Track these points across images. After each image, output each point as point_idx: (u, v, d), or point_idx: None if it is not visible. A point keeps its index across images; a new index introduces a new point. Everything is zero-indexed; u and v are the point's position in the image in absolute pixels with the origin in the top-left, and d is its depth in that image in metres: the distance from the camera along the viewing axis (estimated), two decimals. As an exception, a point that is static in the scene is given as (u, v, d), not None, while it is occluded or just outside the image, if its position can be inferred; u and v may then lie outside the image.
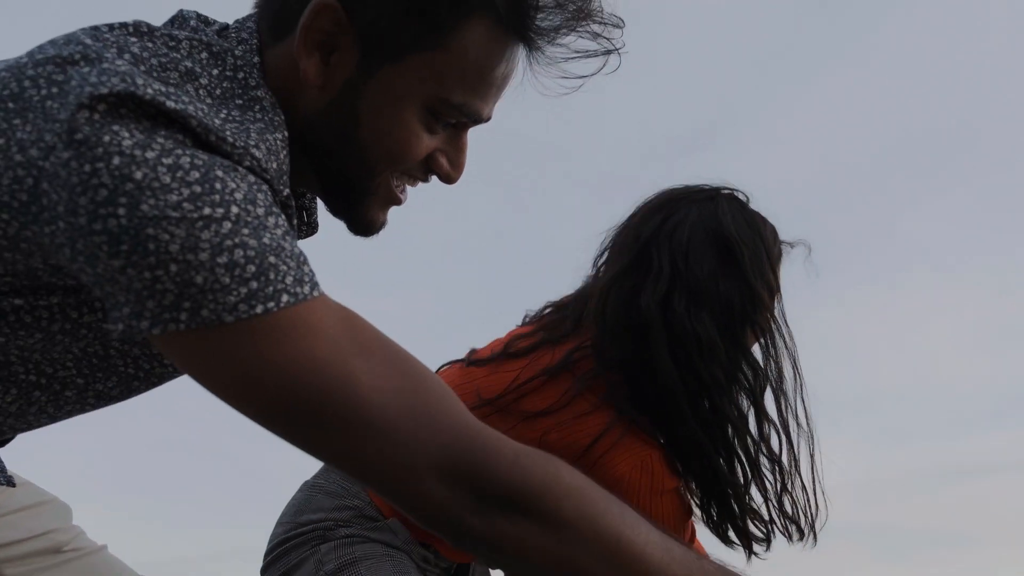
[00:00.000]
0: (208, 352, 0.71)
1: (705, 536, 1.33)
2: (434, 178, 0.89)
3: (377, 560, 1.30)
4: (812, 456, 1.25)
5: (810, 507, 1.25)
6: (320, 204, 0.95)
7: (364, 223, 0.90)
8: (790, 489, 1.25)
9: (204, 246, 0.68)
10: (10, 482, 1.08)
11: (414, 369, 0.75)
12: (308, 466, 1.56)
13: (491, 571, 1.55)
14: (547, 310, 1.39)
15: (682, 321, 1.18)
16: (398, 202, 0.89)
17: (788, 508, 1.25)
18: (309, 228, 0.97)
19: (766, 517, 1.26)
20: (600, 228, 1.36)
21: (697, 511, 1.29)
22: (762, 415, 1.23)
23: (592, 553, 0.74)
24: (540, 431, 1.21)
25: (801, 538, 1.26)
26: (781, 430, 1.23)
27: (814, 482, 1.25)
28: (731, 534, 1.27)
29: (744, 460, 1.23)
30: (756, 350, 1.27)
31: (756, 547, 1.27)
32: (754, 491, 1.27)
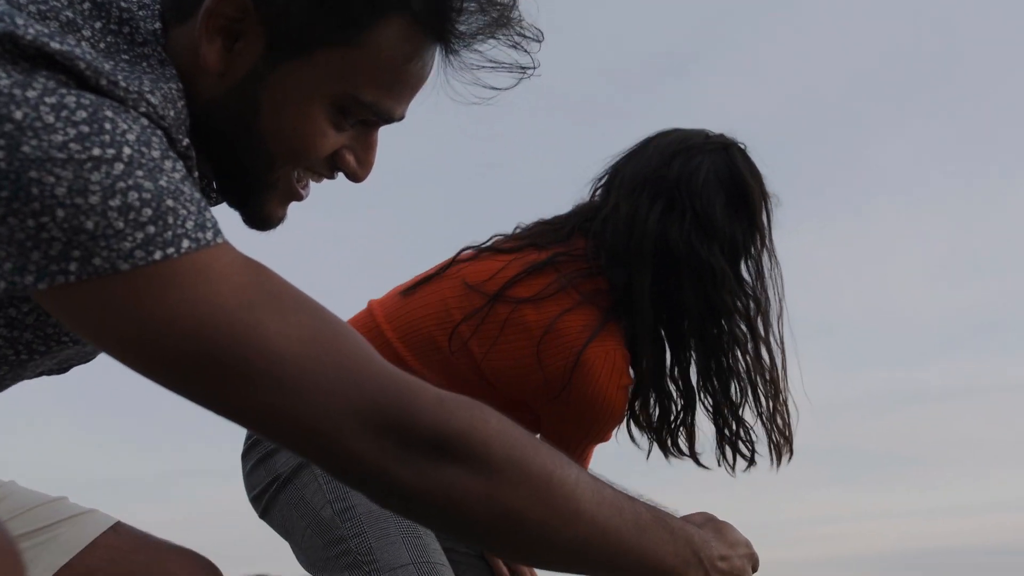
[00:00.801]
0: (101, 305, 0.65)
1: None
2: (340, 175, 0.85)
3: None
4: (785, 378, 1.42)
5: (792, 425, 1.42)
6: None
7: (261, 217, 0.85)
8: (780, 408, 1.40)
9: (94, 188, 0.63)
10: None
11: (326, 318, 0.71)
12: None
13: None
14: (537, 224, 1.51)
15: (699, 254, 1.36)
16: (299, 198, 0.85)
17: (780, 425, 1.40)
18: (215, 199, 0.92)
19: (755, 436, 1.41)
20: (572, 151, 1.54)
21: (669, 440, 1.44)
22: (757, 338, 1.40)
23: (523, 495, 0.71)
24: (519, 312, 1.35)
25: (791, 454, 1.41)
26: (769, 353, 1.41)
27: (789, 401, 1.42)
28: (717, 453, 1.42)
29: (742, 380, 1.39)
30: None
31: (740, 466, 1.42)
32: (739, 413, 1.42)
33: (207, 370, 0.67)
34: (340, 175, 0.85)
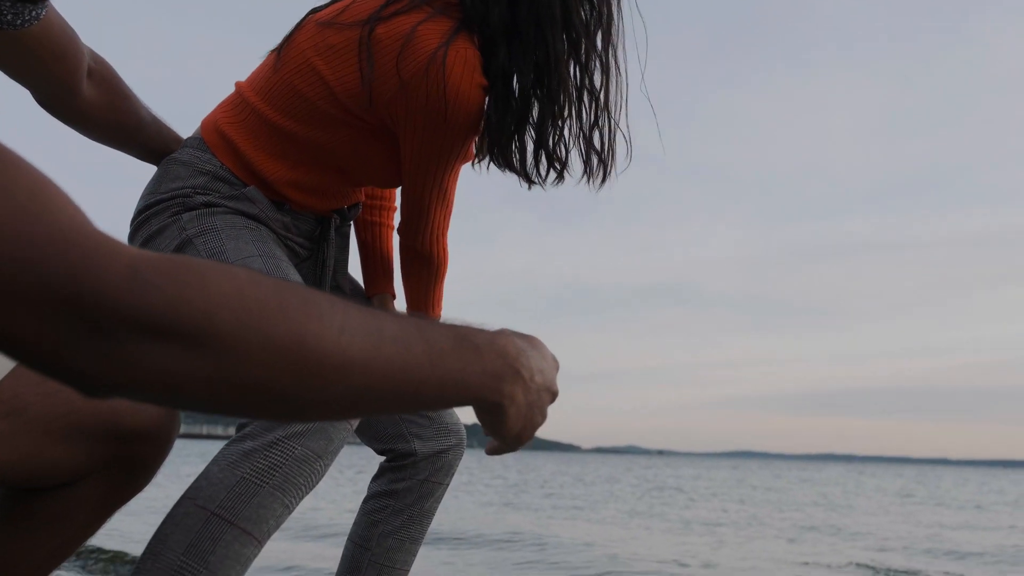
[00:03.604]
0: None
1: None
2: None
3: (236, 229, 1.43)
4: (612, 100, 1.48)
5: (613, 148, 1.49)
6: None
7: None
8: (600, 125, 1.47)
9: None
10: None
11: None
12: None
13: (351, 233, 1.67)
14: None
15: None
16: None
17: (596, 142, 1.47)
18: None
19: (572, 147, 1.47)
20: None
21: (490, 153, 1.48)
22: (592, 52, 1.46)
23: (267, 365, 0.59)
24: (372, 32, 1.40)
25: (604, 174, 1.48)
26: (603, 68, 1.46)
27: (623, 127, 1.49)
28: (531, 164, 1.48)
29: (571, 92, 1.45)
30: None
31: (552, 177, 1.49)
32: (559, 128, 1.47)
33: None
34: None
